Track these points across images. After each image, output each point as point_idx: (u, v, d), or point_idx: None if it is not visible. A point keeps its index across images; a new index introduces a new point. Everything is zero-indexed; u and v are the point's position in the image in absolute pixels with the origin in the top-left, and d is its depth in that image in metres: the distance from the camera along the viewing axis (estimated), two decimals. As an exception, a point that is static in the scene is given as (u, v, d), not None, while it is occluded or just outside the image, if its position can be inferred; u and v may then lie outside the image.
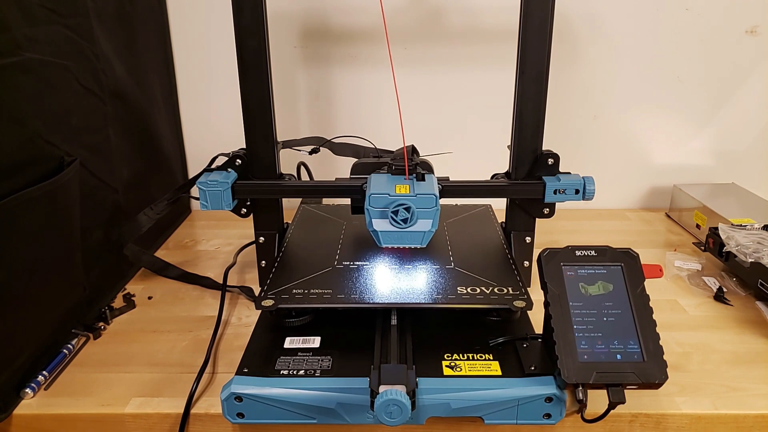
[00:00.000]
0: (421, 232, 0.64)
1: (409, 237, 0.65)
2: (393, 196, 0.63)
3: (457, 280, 0.68)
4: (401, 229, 0.64)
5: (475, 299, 0.64)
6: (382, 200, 0.63)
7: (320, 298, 0.65)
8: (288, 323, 0.66)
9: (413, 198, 0.63)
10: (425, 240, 0.65)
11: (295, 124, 1.12)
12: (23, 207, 0.62)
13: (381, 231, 0.64)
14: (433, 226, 0.64)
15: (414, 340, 0.63)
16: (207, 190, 0.73)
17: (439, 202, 0.64)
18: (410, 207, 0.63)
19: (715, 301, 0.81)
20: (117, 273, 0.87)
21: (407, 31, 1.06)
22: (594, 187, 0.74)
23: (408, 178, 0.68)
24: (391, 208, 0.63)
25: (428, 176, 0.69)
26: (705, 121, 1.12)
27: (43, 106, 0.68)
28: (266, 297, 0.65)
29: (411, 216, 0.63)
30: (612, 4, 1.05)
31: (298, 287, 0.67)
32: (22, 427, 0.62)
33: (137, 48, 0.94)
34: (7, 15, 0.62)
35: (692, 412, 0.60)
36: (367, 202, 0.63)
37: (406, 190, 0.64)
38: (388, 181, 0.67)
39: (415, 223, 0.63)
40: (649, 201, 1.18)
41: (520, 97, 0.75)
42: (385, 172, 0.70)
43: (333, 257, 0.75)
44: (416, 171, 0.68)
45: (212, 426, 0.61)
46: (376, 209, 0.64)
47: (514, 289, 0.66)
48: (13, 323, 0.61)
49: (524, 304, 0.63)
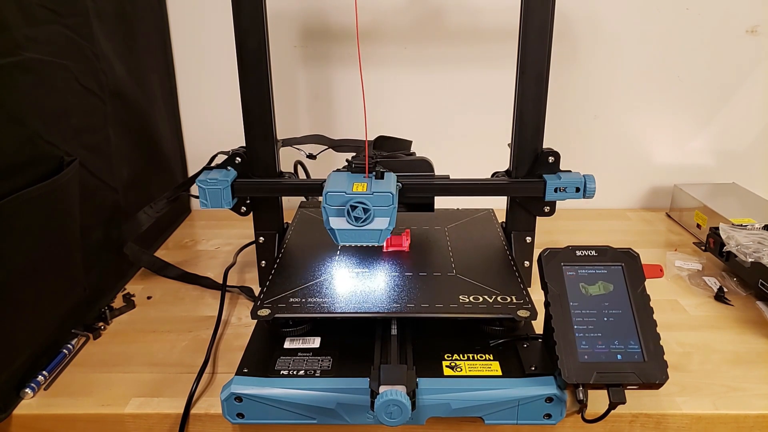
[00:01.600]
0: (378, 230, 0.63)
1: (366, 235, 0.63)
2: (349, 194, 0.62)
3: (459, 288, 0.67)
4: (358, 227, 0.63)
5: (478, 308, 0.63)
6: (338, 198, 0.62)
7: (318, 307, 0.63)
8: (285, 333, 0.65)
9: (370, 196, 0.62)
10: (382, 238, 0.64)
11: (295, 124, 1.12)
12: (23, 207, 0.61)
13: (338, 229, 0.63)
14: (390, 225, 0.63)
15: (414, 341, 0.63)
16: (207, 188, 0.73)
17: (396, 200, 0.63)
18: (367, 205, 0.62)
19: (715, 301, 0.81)
20: (117, 273, 0.86)
21: (407, 30, 1.06)
22: (595, 185, 0.74)
23: (367, 176, 0.67)
24: (347, 206, 0.62)
25: (387, 174, 0.68)
26: (705, 121, 1.12)
27: (43, 106, 0.67)
28: (262, 306, 0.63)
29: (367, 214, 0.62)
30: (612, 4, 1.05)
31: (295, 296, 0.66)
32: (21, 427, 0.62)
33: (137, 48, 0.94)
34: (7, 15, 0.62)
35: (693, 412, 0.60)
36: (324, 200, 0.63)
37: (364, 188, 0.63)
38: (345, 179, 0.66)
39: (371, 222, 0.63)
40: (649, 201, 1.18)
41: (521, 97, 0.74)
42: (346, 170, 0.69)
43: (331, 264, 0.73)
44: (375, 169, 0.67)
45: (212, 426, 0.61)
46: (333, 207, 0.63)
47: (517, 298, 0.64)
48: (13, 323, 0.61)
49: (528, 313, 0.61)
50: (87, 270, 0.75)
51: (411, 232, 0.80)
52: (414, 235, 0.81)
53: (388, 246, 0.77)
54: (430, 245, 0.79)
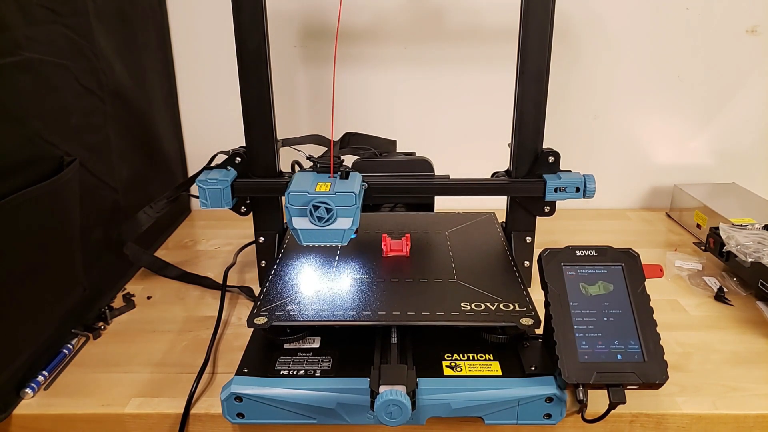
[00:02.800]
0: (341, 230, 0.63)
1: (329, 235, 0.63)
2: (312, 194, 0.62)
3: (461, 294, 0.65)
4: (321, 227, 0.62)
5: (480, 316, 0.61)
6: (300, 198, 0.62)
7: (316, 315, 0.62)
8: (282, 341, 0.63)
9: (332, 196, 0.62)
10: (346, 238, 0.63)
11: (295, 124, 1.12)
12: (23, 207, 0.61)
13: (300, 229, 0.63)
14: (353, 225, 0.63)
15: (414, 341, 0.62)
16: (207, 188, 0.73)
17: (360, 200, 0.62)
18: (329, 205, 0.62)
19: (715, 301, 0.81)
20: (117, 273, 0.86)
21: (407, 30, 1.06)
22: (595, 185, 0.74)
23: (332, 176, 0.67)
24: (310, 206, 0.62)
25: (353, 174, 0.67)
26: (705, 121, 1.12)
27: (43, 105, 0.67)
28: (259, 314, 0.62)
29: (330, 214, 0.62)
30: (612, 3, 1.05)
31: (292, 303, 0.64)
32: (21, 427, 0.62)
33: (137, 48, 0.94)
34: (7, 15, 0.62)
35: (693, 412, 0.60)
36: (286, 200, 0.62)
37: (327, 188, 0.63)
38: (309, 179, 0.66)
39: (334, 221, 0.62)
40: (649, 201, 1.18)
41: (521, 97, 0.74)
42: (311, 170, 0.69)
43: (330, 270, 0.72)
44: (340, 169, 0.67)
45: (212, 426, 0.61)
46: (295, 207, 0.62)
47: (520, 305, 0.63)
48: (13, 323, 0.61)
49: (532, 321, 0.60)
50: (87, 270, 0.75)
51: (411, 236, 0.78)
52: (414, 239, 0.79)
53: (388, 251, 0.76)
54: (431, 250, 0.78)
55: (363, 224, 0.85)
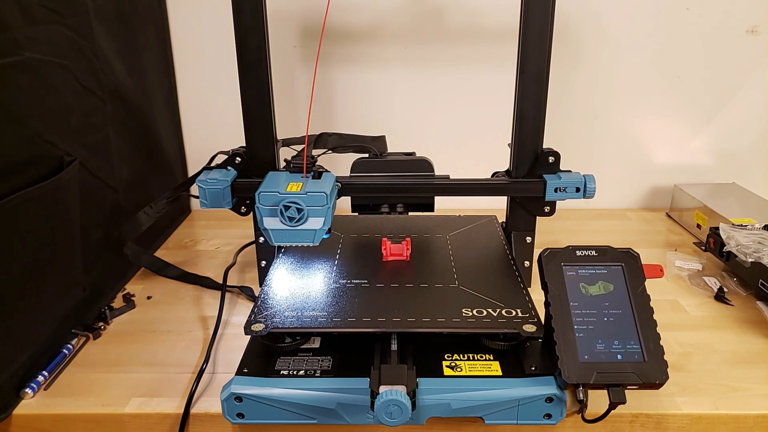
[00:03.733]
0: (313, 230, 0.62)
1: (300, 235, 0.63)
2: (282, 194, 0.62)
3: (462, 300, 0.65)
4: (292, 228, 0.62)
5: (482, 323, 0.61)
6: (270, 198, 0.62)
7: (314, 321, 0.61)
8: (280, 348, 0.62)
9: (303, 196, 0.62)
10: (317, 238, 0.63)
11: (295, 124, 1.12)
12: (23, 207, 0.61)
13: (271, 229, 0.63)
14: (325, 224, 0.62)
15: (414, 341, 0.62)
16: (207, 188, 0.73)
17: (334, 200, 0.62)
18: (300, 205, 0.62)
19: (715, 301, 0.81)
20: (117, 273, 0.86)
21: (407, 30, 1.06)
22: (595, 185, 0.74)
23: (305, 175, 0.66)
24: (280, 206, 0.62)
25: (326, 174, 0.67)
26: (705, 121, 1.12)
27: (43, 105, 0.67)
28: (256, 321, 0.61)
29: (301, 214, 0.62)
30: (612, 4, 1.05)
31: (290, 309, 0.63)
32: (21, 427, 0.62)
33: (137, 48, 0.94)
34: (7, 15, 0.62)
35: (693, 412, 0.60)
36: (257, 200, 0.62)
37: (298, 187, 0.63)
38: (282, 179, 0.65)
39: (305, 222, 0.62)
40: (649, 201, 1.18)
41: (521, 96, 0.74)
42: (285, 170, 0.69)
43: (329, 275, 0.71)
44: (313, 169, 0.67)
45: (212, 426, 0.61)
46: (266, 207, 0.62)
47: (523, 311, 0.62)
48: (13, 323, 0.61)
49: (534, 328, 0.59)
50: (87, 270, 0.75)
51: (411, 240, 0.77)
52: (415, 243, 0.79)
53: (388, 255, 0.75)
54: (432, 254, 0.77)
55: (362, 228, 0.85)
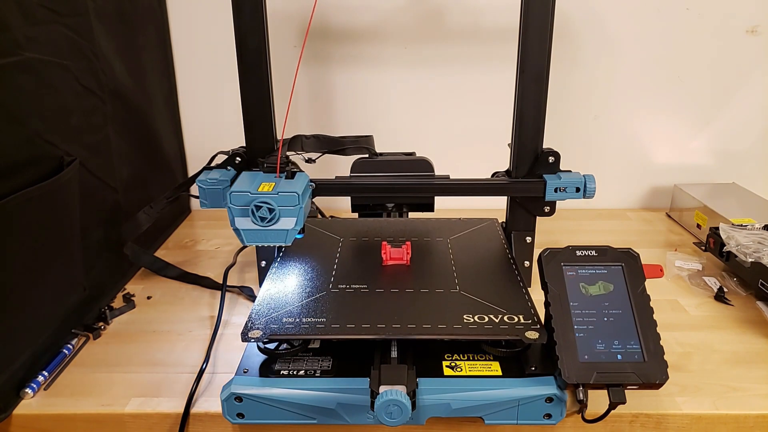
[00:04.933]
0: (284, 230, 0.62)
1: (272, 235, 0.63)
2: (253, 194, 0.62)
3: (463, 306, 0.63)
4: (263, 228, 0.62)
5: (483, 329, 0.59)
6: (242, 198, 0.62)
7: (313, 327, 0.60)
8: (278, 353, 0.61)
9: (274, 196, 0.62)
10: (289, 238, 0.63)
11: (295, 124, 1.12)
12: (23, 207, 0.61)
13: (243, 229, 0.62)
14: (297, 225, 0.62)
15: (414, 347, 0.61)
16: (207, 188, 0.73)
17: (307, 200, 0.62)
18: (271, 205, 0.61)
19: (715, 301, 0.81)
20: (117, 273, 0.86)
21: (407, 30, 1.06)
22: (595, 185, 0.74)
23: (278, 175, 0.66)
24: (252, 206, 0.61)
25: (299, 174, 0.67)
26: (705, 121, 1.12)
27: (43, 105, 0.67)
28: (253, 327, 0.60)
29: (272, 214, 0.62)
30: (612, 4, 1.05)
31: (288, 315, 0.62)
32: (21, 427, 0.62)
33: (137, 48, 0.94)
34: (7, 15, 0.62)
35: (693, 412, 0.60)
36: (228, 200, 0.62)
37: (270, 187, 0.63)
38: (254, 179, 0.65)
39: (277, 222, 0.62)
40: (649, 201, 1.18)
41: (521, 96, 0.74)
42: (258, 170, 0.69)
43: (328, 280, 0.70)
44: (287, 169, 0.67)
45: (212, 426, 0.61)
46: (237, 207, 0.62)
47: (525, 317, 0.61)
48: (13, 323, 0.61)
49: (537, 335, 0.57)
50: (87, 270, 0.75)
51: (412, 244, 0.76)
52: (415, 247, 0.77)
53: (388, 259, 0.74)
54: (432, 259, 0.75)
55: (362, 231, 0.84)
